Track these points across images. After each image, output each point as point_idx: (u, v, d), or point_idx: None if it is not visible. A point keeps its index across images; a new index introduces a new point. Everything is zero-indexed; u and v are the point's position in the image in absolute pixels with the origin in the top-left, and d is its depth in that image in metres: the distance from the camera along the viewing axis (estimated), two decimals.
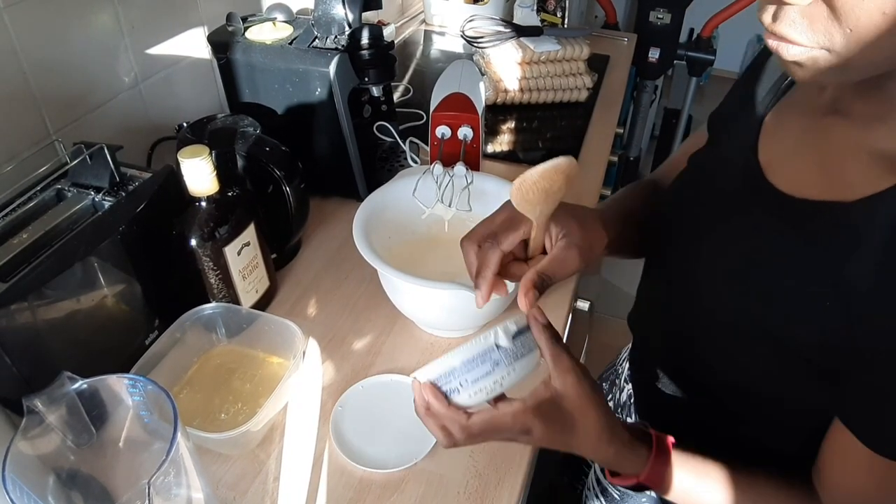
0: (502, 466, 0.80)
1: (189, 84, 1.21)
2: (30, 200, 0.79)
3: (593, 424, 0.62)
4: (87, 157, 0.80)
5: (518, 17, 1.67)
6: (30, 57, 0.88)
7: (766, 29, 0.51)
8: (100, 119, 1.02)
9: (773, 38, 0.51)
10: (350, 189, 1.19)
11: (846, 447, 0.59)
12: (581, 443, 0.63)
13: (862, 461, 0.58)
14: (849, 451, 0.59)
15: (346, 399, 0.87)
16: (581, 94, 1.59)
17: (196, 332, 0.87)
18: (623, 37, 2.03)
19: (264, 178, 0.97)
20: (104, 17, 0.99)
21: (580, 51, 1.55)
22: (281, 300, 1.03)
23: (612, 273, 2.79)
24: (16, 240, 0.74)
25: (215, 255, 0.85)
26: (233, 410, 0.82)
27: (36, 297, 0.70)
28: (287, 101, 1.11)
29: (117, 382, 0.61)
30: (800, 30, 0.48)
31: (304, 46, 1.07)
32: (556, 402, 0.61)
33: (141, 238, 0.81)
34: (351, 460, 0.79)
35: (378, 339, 0.97)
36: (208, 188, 0.82)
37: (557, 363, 0.62)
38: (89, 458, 0.62)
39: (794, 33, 0.49)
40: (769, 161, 0.66)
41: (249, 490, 0.77)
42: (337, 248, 1.13)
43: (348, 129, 1.10)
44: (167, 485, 0.55)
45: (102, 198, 0.81)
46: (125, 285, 0.83)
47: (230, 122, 1.02)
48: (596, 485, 0.99)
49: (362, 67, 1.08)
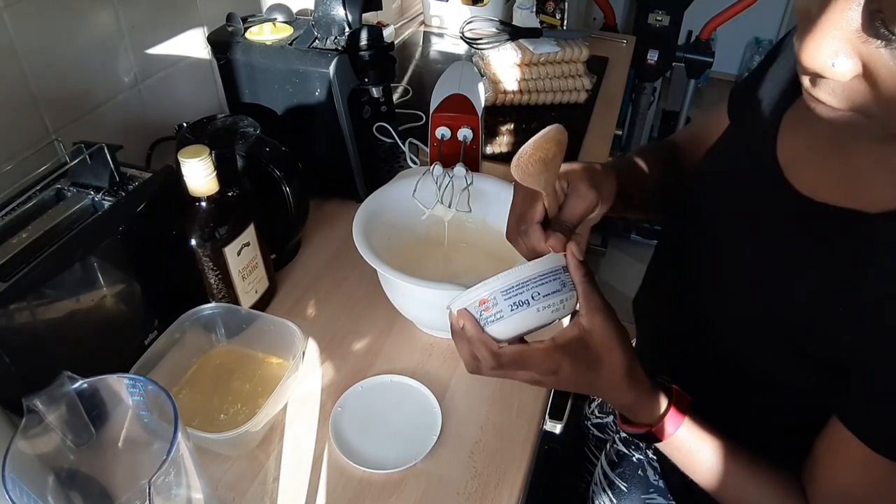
0: (502, 467, 0.80)
1: (189, 84, 1.21)
2: (29, 200, 0.79)
3: (618, 365, 0.63)
4: (86, 156, 0.80)
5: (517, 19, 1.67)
6: (30, 57, 0.88)
7: (805, 91, 0.50)
8: (100, 119, 1.02)
9: (812, 100, 0.50)
10: (350, 190, 1.19)
11: (842, 445, 0.60)
12: (604, 383, 0.64)
13: (857, 460, 0.58)
14: (844, 450, 0.60)
15: (346, 399, 0.87)
16: (580, 95, 1.59)
17: (195, 333, 0.87)
18: (622, 39, 2.03)
19: (264, 179, 0.97)
20: (104, 17, 0.99)
21: (579, 52, 1.55)
22: (280, 300, 1.03)
23: (612, 276, 2.80)
24: (15, 239, 0.73)
25: (215, 255, 0.85)
26: (232, 411, 0.82)
27: (35, 297, 0.70)
28: (287, 101, 1.11)
29: (117, 382, 0.61)
30: (838, 99, 0.47)
31: (304, 47, 1.07)
32: (583, 340, 0.62)
33: (140, 238, 0.81)
34: (350, 461, 0.79)
35: (377, 339, 0.97)
36: (208, 188, 0.82)
37: (589, 301, 0.62)
38: (89, 457, 0.62)
39: (832, 101, 0.48)
40: (789, 160, 0.65)
41: (249, 490, 0.77)
42: (336, 248, 1.13)
43: (348, 129, 1.10)
44: (167, 485, 0.55)
45: (102, 198, 0.81)
46: (125, 285, 0.83)
47: (230, 122, 1.02)
48: (603, 479, 1.00)
49: (362, 68, 1.08)
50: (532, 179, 0.63)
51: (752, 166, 0.69)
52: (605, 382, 0.63)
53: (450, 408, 0.86)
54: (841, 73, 0.44)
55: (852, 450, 0.58)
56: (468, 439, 0.83)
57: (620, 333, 0.63)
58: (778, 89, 0.71)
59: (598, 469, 1.03)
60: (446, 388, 0.89)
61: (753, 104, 0.73)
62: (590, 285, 0.63)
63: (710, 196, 0.75)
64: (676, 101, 3.13)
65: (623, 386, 0.64)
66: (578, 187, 0.67)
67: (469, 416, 0.86)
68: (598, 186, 0.67)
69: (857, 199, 0.58)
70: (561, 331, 0.63)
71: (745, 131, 0.75)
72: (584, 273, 0.63)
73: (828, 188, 0.61)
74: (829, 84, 0.47)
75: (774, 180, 0.65)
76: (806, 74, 0.49)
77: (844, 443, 0.59)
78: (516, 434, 0.84)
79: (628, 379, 0.64)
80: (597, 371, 0.62)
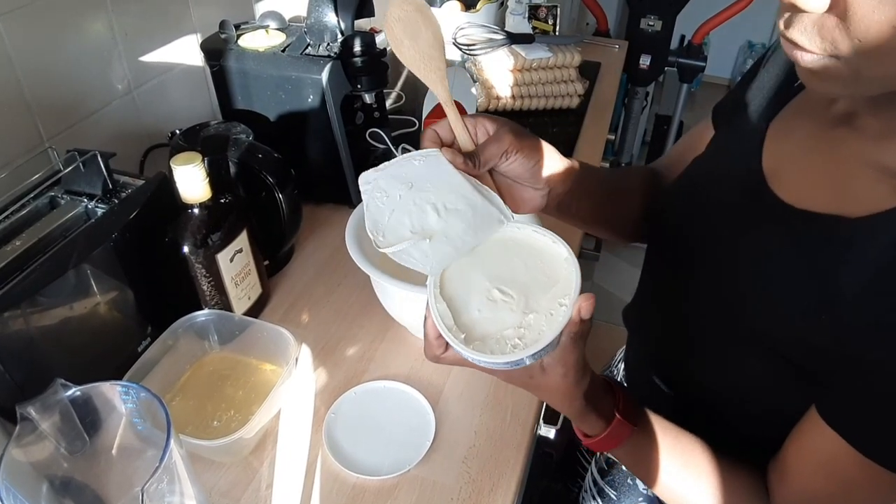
0: (495, 472, 0.80)
1: (182, 91, 1.21)
2: (23, 208, 0.79)
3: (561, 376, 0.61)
4: (80, 164, 0.81)
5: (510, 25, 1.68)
6: (24, 64, 0.88)
7: (781, 35, 0.52)
8: (93, 126, 1.02)
9: (788, 45, 0.51)
10: (343, 196, 1.19)
11: (813, 444, 0.60)
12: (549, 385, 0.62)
13: (828, 458, 0.59)
14: (815, 449, 0.60)
15: (340, 406, 0.87)
16: (573, 100, 1.60)
17: (188, 339, 0.87)
18: (614, 44, 2.04)
19: (257, 185, 0.98)
20: (98, 25, 1.00)
21: (571, 58, 1.56)
22: (273, 307, 1.03)
23: (605, 279, 2.80)
24: (9, 247, 0.73)
25: (208, 261, 0.85)
26: (225, 417, 0.82)
27: (29, 305, 0.70)
28: (280, 108, 1.11)
29: (110, 389, 0.61)
30: (809, 37, 0.49)
31: (297, 54, 1.08)
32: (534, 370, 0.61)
33: (134, 245, 0.81)
34: (344, 467, 0.79)
35: (371, 345, 0.97)
36: (201, 195, 0.82)
37: (564, 357, 0.60)
38: (82, 465, 0.62)
39: (803, 39, 0.49)
40: (773, 168, 0.66)
41: (242, 497, 0.77)
42: (330, 254, 1.13)
43: (341, 135, 1.11)
44: (160, 492, 0.55)
45: (95, 205, 0.82)
46: (118, 292, 0.83)
47: (223, 128, 1.02)
48: (592, 486, 1.00)
49: (355, 74, 1.08)
50: (395, 42, 0.62)
51: (736, 175, 0.69)
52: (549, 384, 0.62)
53: (443, 413, 0.87)
54: (814, 4, 0.46)
55: (824, 449, 0.59)
56: (462, 444, 0.83)
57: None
58: (765, 98, 0.71)
59: (589, 476, 1.03)
60: (440, 394, 0.89)
61: (740, 112, 0.74)
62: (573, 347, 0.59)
63: (696, 206, 0.75)
64: (669, 106, 3.14)
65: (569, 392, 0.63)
66: (499, 131, 0.65)
67: (463, 422, 0.86)
68: (521, 137, 0.65)
69: (840, 204, 0.58)
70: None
71: (731, 140, 0.75)
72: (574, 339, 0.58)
73: (811, 195, 0.61)
74: (802, 22, 0.49)
75: (756, 188, 0.66)
76: (783, 11, 0.50)
77: (816, 442, 0.60)
78: (510, 439, 0.84)
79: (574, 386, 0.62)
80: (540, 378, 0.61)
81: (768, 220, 0.64)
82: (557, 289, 0.58)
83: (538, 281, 0.59)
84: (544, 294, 0.58)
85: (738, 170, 0.69)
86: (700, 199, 0.75)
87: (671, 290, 0.78)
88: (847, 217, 0.57)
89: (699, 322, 0.72)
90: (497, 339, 0.56)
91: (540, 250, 0.61)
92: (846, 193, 0.58)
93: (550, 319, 0.56)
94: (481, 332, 0.57)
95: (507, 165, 0.64)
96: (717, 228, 0.70)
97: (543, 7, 2.02)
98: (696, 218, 0.74)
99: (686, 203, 0.77)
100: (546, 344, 0.55)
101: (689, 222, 0.75)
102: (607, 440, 0.67)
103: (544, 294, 0.58)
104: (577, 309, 0.55)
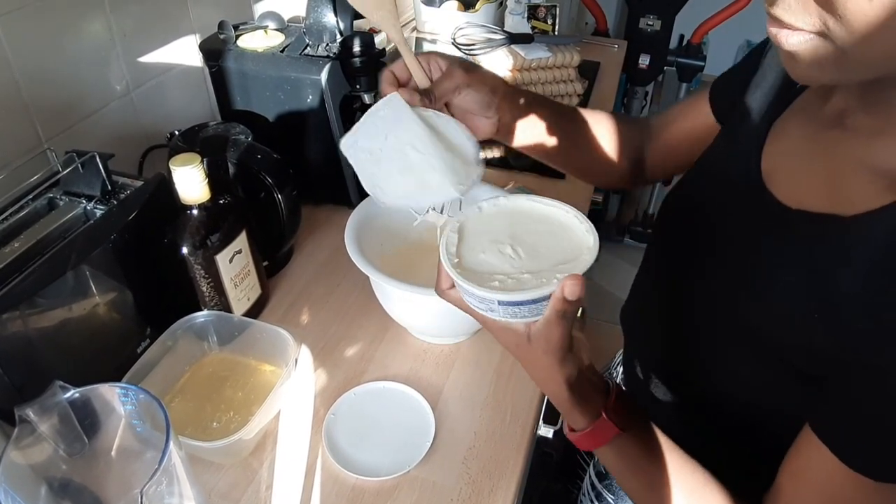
0: (495, 473, 0.80)
1: (181, 92, 1.21)
2: (21, 209, 0.79)
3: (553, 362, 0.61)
4: (78, 165, 0.80)
5: (509, 25, 1.67)
6: (22, 65, 0.88)
7: (768, 15, 0.52)
8: (92, 127, 1.02)
9: (773, 26, 0.51)
10: (342, 196, 1.19)
11: (808, 463, 0.59)
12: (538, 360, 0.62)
13: (825, 477, 0.57)
14: (810, 468, 0.59)
15: (339, 406, 0.87)
16: (572, 100, 1.59)
17: (188, 341, 0.87)
18: (613, 43, 2.05)
19: (256, 186, 0.97)
20: (96, 26, 0.99)
21: (570, 58, 1.56)
22: (273, 308, 1.03)
23: (603, 278, 2.80)
24: (7, 248, 0.73)
25: (207, 262, 0.85)
26: (225, 419, 0.82)
27: (28, 306, 0.70)
28: (279, 108, 1.11)
29: (109, 391, 0.61)
30: (794, 13, 0.49)
31: (296, 54, 1.08)
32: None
33: (132, 246, 0.81)
34: (344, 468, 0.79)
35: (370, 346, 0.97)
36: (200, 196, 0.82)
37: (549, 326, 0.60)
38: (81, 467, 0.62)
39: (788, 16, 0.49)
40: (771, 169, 0.66)
41: (242, 499, 0.77)
42: (329, 255, 1.13)
43: (340, 136, 1.10)
44: (160, 494, 0.55)
45: (94, 206, 0.81)
46: (117, 294, 0.83)
47: (222, 129, 1.02)
48: (590, 489, 1.00)
49: (354, 75, 1.08)
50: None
51: (736, 176, 0.70)
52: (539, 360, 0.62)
53: (443, 414, 0.86)
54: None
55: (819, 470, 0.57)
56: (462, 445, 0.83)
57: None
58: (766, 99, 0.71)
59: (587, 480, 1.03)
60: (439, 394, 0.89)
61: (742, 112, 0.74)
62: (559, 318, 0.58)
63: (696, 206, 0.75)
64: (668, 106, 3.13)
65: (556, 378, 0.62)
66: (451, 67, 0.71)
67: (462, 422, 0.86)
68: (472, 72, 0.72)
69: (836, 204, 0.58)
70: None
71: (731, 140, 0.75)
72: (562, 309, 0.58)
73: (808, 195, 0.61)
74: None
75: (754, 189, 0.66)
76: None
77: (811, 463, 0.58)
78: (510, 439, 0.84)
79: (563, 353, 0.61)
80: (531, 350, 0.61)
81: (766, 221, 0.64)
82: (565, 267, 0.59)
83: (554, 257, 0.60)
84: (551, 267, 0.59)
85: (737, 171, 0.69)
86: (700, 199, 0.75)
87: (670, 290, 0.78)
88: (842, 216, 0.57)
89: (697, 322, 0.72)
90: (483, 277, 0.59)
91: (571, 231, 0.63)
92: (840, 193, 0.58)
93: (539, 284, 0.57)
94: (475, 268, 0.60)
95: (461, 98, 0.72)
96: (717, 229, 0.70)
97: (542, 7, 2.02)
98: (696, 218, 0.74)
99: (686, 203, 0.77)
100: (521, 299, 0.56)
101: (690, 223, 0.75)
102: (590, 436, 0.66)
103: (551, 267, 0.59)
104: (562, 286, 0.55)
